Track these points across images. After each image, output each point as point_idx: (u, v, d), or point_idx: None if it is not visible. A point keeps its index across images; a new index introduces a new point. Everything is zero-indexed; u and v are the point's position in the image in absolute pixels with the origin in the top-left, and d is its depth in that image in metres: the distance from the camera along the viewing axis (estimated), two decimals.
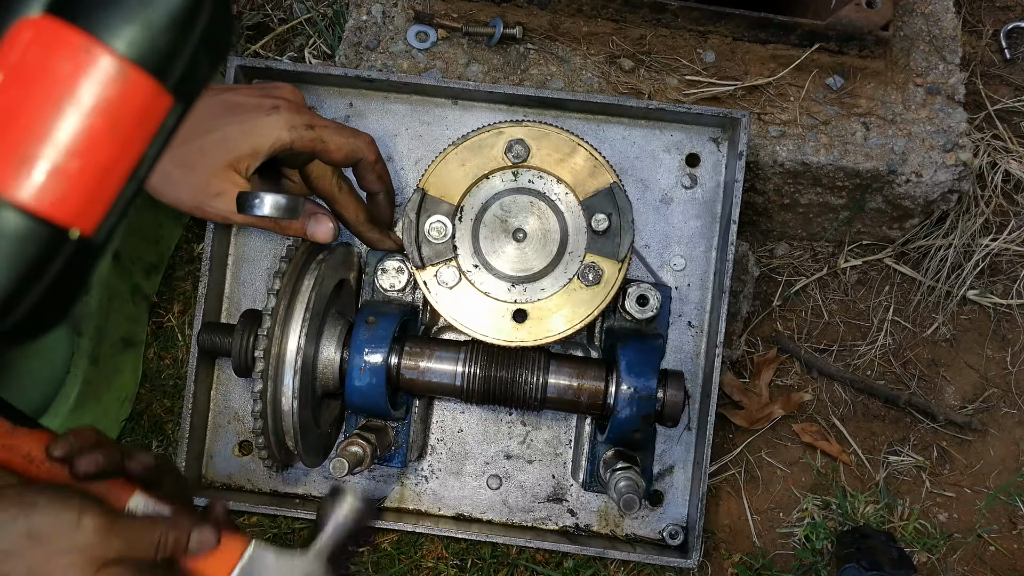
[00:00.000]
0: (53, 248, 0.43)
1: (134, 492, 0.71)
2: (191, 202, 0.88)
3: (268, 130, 0.87)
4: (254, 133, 0.87)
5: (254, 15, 1.31)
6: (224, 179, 0.86)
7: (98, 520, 0.64)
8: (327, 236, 0.94)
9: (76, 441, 0.69)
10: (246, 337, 0.92)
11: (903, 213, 1.17)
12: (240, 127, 0.87)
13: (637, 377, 0.91)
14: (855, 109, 1.12)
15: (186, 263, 1.23)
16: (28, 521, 0.63)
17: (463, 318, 0.93)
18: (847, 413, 1.23)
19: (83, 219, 0.44)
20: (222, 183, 0.86)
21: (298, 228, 0.93)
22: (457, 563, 1.13)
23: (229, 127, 0.86)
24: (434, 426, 1.08)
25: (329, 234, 0.94)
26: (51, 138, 0.42)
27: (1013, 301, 1.25)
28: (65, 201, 0.43)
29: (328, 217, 0.94)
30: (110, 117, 0.43)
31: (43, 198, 0.42)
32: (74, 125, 0.42)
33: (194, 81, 0.45)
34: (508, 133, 0.93)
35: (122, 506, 0.70)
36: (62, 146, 0.42)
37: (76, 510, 0.63)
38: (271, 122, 0.87)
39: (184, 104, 0.46)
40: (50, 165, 0.42)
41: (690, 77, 1.12)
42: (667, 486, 1.07)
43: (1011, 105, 1.29)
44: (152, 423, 1.18)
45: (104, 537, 0.63)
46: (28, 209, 0.42)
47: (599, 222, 0.92)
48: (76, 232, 0.44)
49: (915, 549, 1.17)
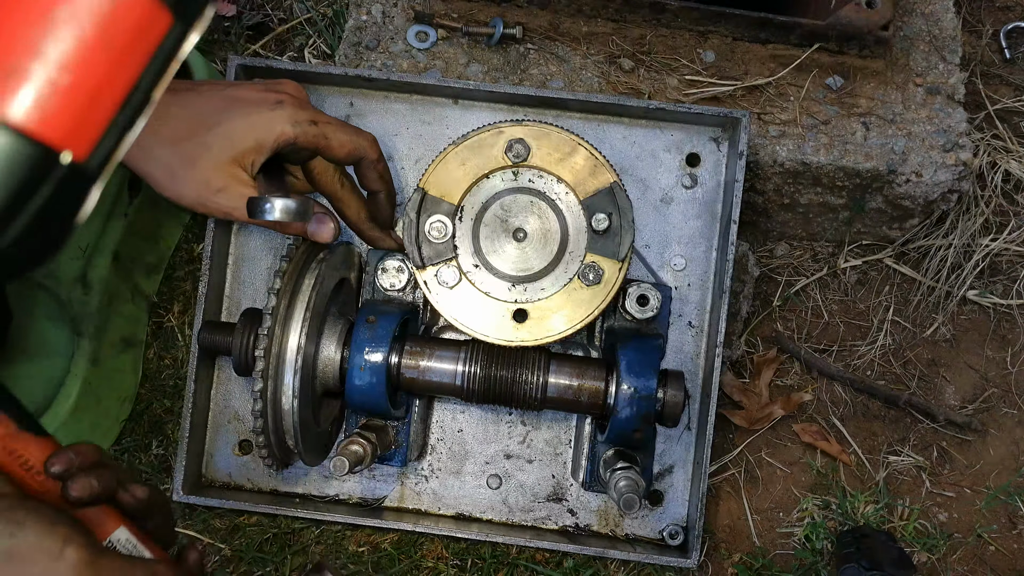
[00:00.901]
0: (43, 170, 0.41)
1: (119, 524, 0.70)
2: (194, 198, 0.88)
3: (272, 124, 0.86)
4: (258, 128, 0.86)
5: (254, 15, 1.31)
6: (227, 175, 0.86)
7: (80, 554, 0.62)
8: (328, 236, 0.94)
9: (76, 458, 0.67)
10: (246, 336, 0.92)
11: (903, 213, 1.17)
12: (244, 121, 0.86)
13: (637, 377, 0.91)
14: (855, 109, 1.12)
15: (186, 263, 1.23)
16: (11, 541, 0.62)
17: (463, 318, 0.93)
18: (847, 413, 1.23)
19: (75, 141, 0.41)
20: (225, 179, 0.86)
21: (299, 228, 0.93)
22: (457, 563, 1.13)
23: (233, 121, 0.86)
24: (434, 425, 1.08)
25: (331, 234, 0.94)
26: (40, 50, 0.39)
27: (1013, 301, 1.25)
28: (56, 119, 0.40)
29: (330, 217, 0.94)
30: (104, 30, 0.40)
31: (32, 115, 0.40)
32: (65, 37, 0.39)
33: (194, 0, 0.43)
34: (508, 133, 0.93)
35: (105, 534, 0.69)
36: (52, 60, 0.39)
37: (61, 539, 0.62)
38: (275, 117, 0.87)
39: (184, 25, 0.43)
40: (39, 80, 0.39)
41: (690, 77, 1.13)
42: (667, 486, 1.07)
43: (1011, 105, 1.29)
44: (152, 423, 1.18)
45: (82, 573, 0.62)
46: (15, 127, 0.39)
47: (599, 221, 0.92)
48: (68, 155, 0.41)
49: (915, 549, 1.17)
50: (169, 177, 0.87)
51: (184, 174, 0.87)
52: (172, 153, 0.84)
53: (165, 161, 0.86)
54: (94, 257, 1.13)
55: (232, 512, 1.12)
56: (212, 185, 0.86)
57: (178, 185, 0.87)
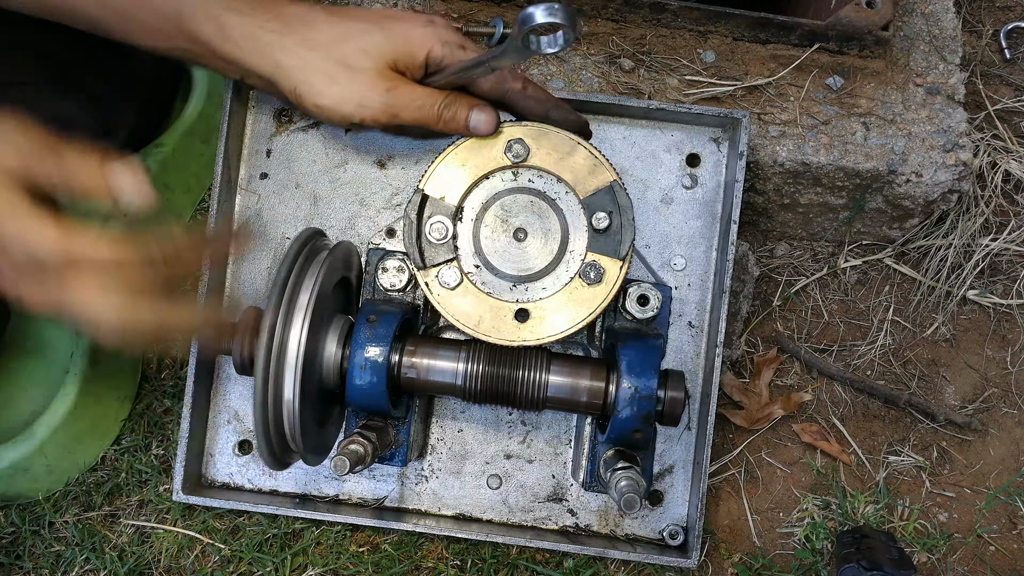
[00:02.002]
0: None
1: None
2: (357, 100, 0.85)
3: (424, 40, 0.85)
4: (411, 39, 0.85)
5: None
6: (393, 75, 0.85)
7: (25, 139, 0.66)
8: (490, 127, 0.91)
9: None
10: (247, 336, 0.92)
11: (903, 213, 1.17)
12: (398, 29, 0.85)
13: (637, 377, 0.91)
14: (855, 109, 1.12)
15: None
16: None
17: (465, 319, 0.93)
18: (847, 413, 1.23)
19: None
20: (392, 78, 0.85)
21: (460, 121, 0.90)
22: (457, 563, 1.13)
23: (387, 30, 0.85)
24: (434, 425, 1.08)
25: (492, 124, 0.91)
26: None
27: (1013, 301, 1.25)
28: None
29: (490, 107, 0.91)
30: None
31: None
32: None
33: None
34: (508, 133, 0.93)
35: None
36: None
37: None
38: (427, 33, 0.86)
39: None
40: None
41: (690, 77, 1.13)
42: (667, 486, 1.07)
43: (1011, 105, 1.29)
44: (152, 422, 1.18)
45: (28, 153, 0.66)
46: None
47: (600, 220, 0.92)
48: None
49: (915, 549, 1.17)
50: (328, 82, 0.84)
51: (345, 75, 0.84)
52: (327, 58, 0.82)
53: (321, 66, 0.85)
54: None
55: (232, 512, 1.12)
56: (379, 85, 0.84)
57: (339, 88, 0.84)
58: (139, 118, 1.14)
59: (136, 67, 1.11)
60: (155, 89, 1.17)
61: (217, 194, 1.02)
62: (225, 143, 1.02)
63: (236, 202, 1.07)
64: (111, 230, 0.70)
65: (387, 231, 1.06)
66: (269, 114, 1.06)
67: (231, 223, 0.99)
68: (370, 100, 0.85)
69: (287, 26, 0.84)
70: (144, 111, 1.15)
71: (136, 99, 1.12)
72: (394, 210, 1.06)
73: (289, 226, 1.07)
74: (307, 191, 1.07)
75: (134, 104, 1.12)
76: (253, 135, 1.06)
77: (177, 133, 1.19)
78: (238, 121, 1.05)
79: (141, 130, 1.16)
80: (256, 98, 1.07)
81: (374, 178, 1.07)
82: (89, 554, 1.10)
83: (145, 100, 1.15)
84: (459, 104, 0.89)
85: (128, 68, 1.09)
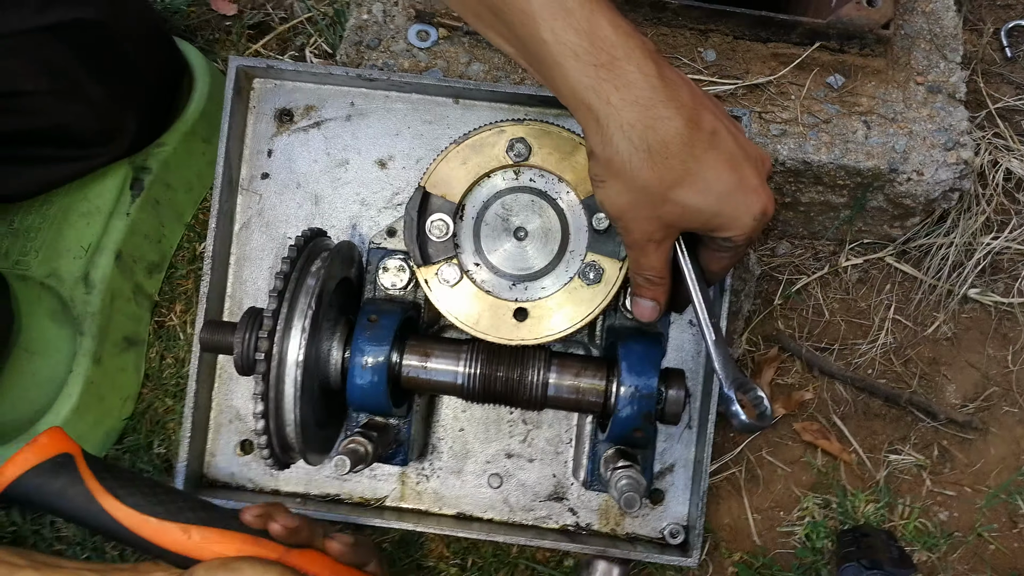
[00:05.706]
0: None
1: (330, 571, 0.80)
2: (630, 213, 0.76)
3: (744, 218, 0.75)
4: (738, 220, 0.75)
5: (255, 14, 1.31)
6: (668, 235, 0.78)
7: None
8: (652, 315, 0.86)
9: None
10: (248, 336, 0.93)
11: (904, 212, 1.17)
12: (745, 202, 0.75)
13: (638, 376, 0.91)
14: (856, 107, 1.12)
15: (188, 262, 1.23)
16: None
17: (464, 316, 0.93)
18: (848, 412, 1.23)
19: None
20: (665, 234, 0.78)
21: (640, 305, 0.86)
22: (458, 562, 1.13)
23: (712, 182, 0.74)
24: (435, 425, 1.08)
25: (655, 313, 0.86)
26: None
27: (1014, 300, 1.25)
28: None
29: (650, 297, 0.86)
30: None
31: None
32: None
33: None
34: (509, 132, 0.93)
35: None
36: None
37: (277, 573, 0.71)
38: (751, 207, 0.75)
39: None
40: None
41: (691, 76, 1.12)
42: (668, 485, 1.07)
43: (1012, 103, 1.29)
44: (154, 422, 1.18)
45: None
46: None
47: (600, 221, 0.92)
48: None
49: (915, 548, 1.17)
50: (632, 169, 0.73)
51: (638, 186, 0.74)
52: (649, 162, 0.72)
53: (632, 158, 0.73)
54: (96, 257, 1.13)
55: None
56: (651, 227, 0.77)
57: (625, 189, 0.74)
58: (141, 125, 1.14)
59: (137, 75, 1.11)
60: (156, 96, 1.18)
61: (219, 194, 1.02)
62: (226, 143, 1.02)
63: (238, 202, 1.07)
64: None
65: (388, 231, 1.06)
66: (270, 114, 1.06)
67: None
68: (637, 223, 0.77)
69: None
70: (145, 118, 1.15)
71: (137, 106, 1.12)
72: (395, 210, 1.06)
73: (290, 226, 1.07)
74: (308, 191, 1.07)
75: (135, 111, 1.12)
76: (254, 135, 1.07)
77: (179, 132, 1.19)
78: (239, 121, 1.05)
79: (143, 136, 1.16)
80: (257, 98, 1.07)
81: (375, 178, 1.07)
82: (90, 554, 1.11)
83: (146, 107, 1.15)
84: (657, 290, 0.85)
85: (129, 76, 1.10)
